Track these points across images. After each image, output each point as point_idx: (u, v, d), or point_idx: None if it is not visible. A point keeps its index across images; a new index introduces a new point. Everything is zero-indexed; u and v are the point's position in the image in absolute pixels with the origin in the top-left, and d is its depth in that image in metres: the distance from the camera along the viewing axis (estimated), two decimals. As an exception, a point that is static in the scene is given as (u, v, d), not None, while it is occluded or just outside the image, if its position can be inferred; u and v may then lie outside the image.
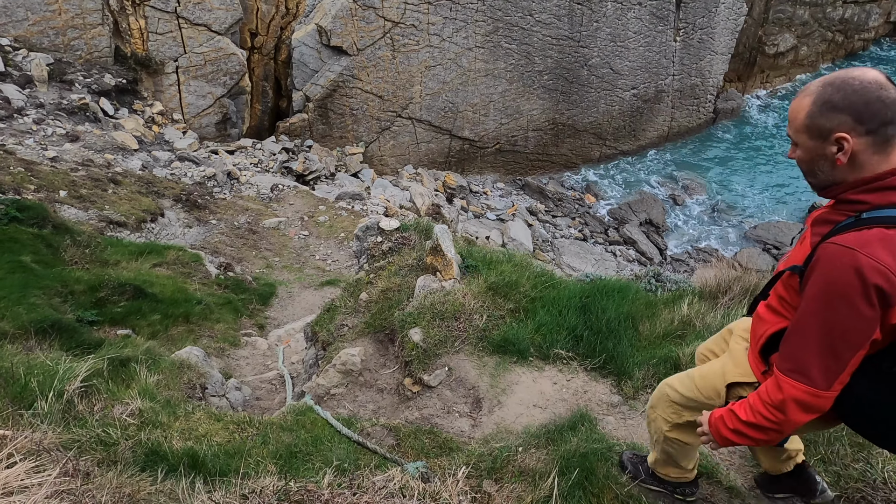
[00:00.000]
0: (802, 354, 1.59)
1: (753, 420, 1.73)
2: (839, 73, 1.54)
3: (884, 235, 1.47)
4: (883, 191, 1.53)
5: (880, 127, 1.49)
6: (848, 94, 1.49)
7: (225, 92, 18.10)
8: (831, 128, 1.52)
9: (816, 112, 1.54)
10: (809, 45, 28.23)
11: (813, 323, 1.55)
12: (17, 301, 5.35)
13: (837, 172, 1.58)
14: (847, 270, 1.47)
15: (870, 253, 1.45)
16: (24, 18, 15.17)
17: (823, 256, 1.53)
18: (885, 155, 1.52)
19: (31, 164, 10.61)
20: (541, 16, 20.57)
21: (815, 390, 1.58)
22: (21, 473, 2.01)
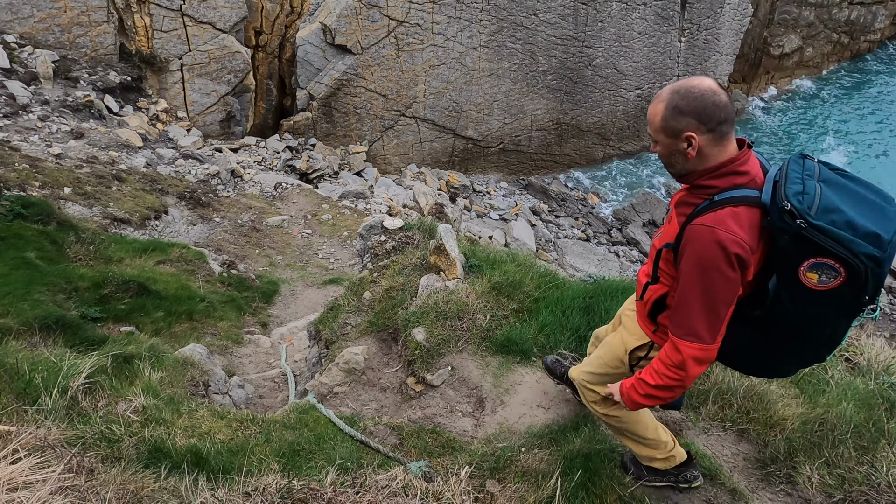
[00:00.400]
0: (690, 320, 1.92)
1: (661, 382, 2.04)
2: (683, 83, 1.89)
3: (733, 213, 1.85)
4: (726, 176, 1.91)
5: (717, 126, 1.86)
6: (691, 100, 1.85)
7: (229, 90, 18.12)
8: (681, 128, 1.88)
9: (668, 116, 1.89)
10: (815, 46, 28.13)
11: (693, 292, 1.89)
12: (21, 297, 5.37)
13: (689, 163, 1.95)
14: (712, 245, 1.83)
15: (726, 229, 1.82)
16: (29, 15, 15.21)
17: (691, 236, 1.89)
18: (723, 147, 1.90)
19: (35, 160, 10.64)
20: (545, 15, 20.55)
21: (705, 346, 1.93)
22: (26, 469, 2.02)
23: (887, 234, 1.73)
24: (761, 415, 3.40)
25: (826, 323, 1.89)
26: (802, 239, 1.74)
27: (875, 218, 1.75)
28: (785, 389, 3.60)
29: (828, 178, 1.85)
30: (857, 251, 1.71)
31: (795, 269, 1.79)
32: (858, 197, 1.81)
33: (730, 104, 1.86)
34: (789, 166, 1.88)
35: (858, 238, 1.71)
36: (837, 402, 3.39)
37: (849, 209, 1.75)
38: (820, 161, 1.91)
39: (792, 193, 1.77)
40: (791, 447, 3.16)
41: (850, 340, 4.18)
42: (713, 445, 3.33)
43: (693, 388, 3.67)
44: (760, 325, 1.98)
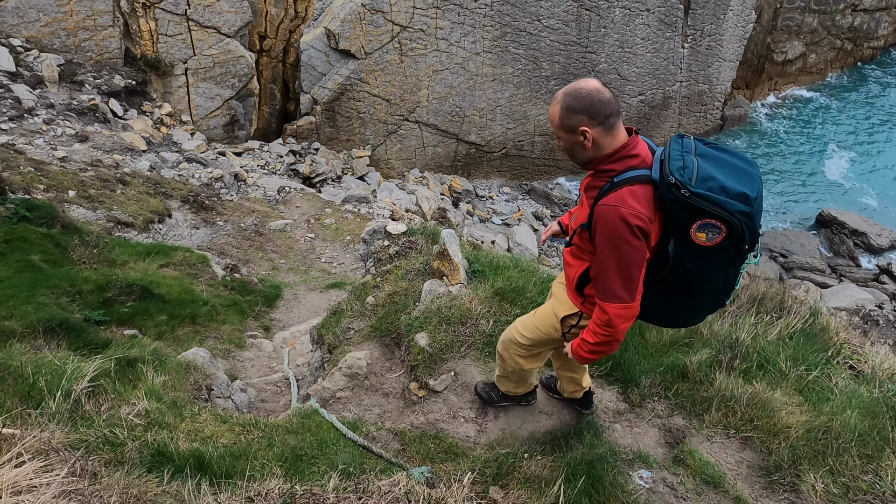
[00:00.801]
0: (610, 285, 2.24)
1: (597, 340, 2.37)
2: (573, 85, 2.20)
3: (631, 191, 2.15)
4: (621, 160, 2.22)
5: (605, 119, 2.17)
6: (580, 100, 2.16)
7: (233, 94, 18.19)
8: (575, 124, 2.19)
9: (564, 115, 2.20)
10: (818, 52, 28.14)
11: (609, 262, 2.21)
12: (25, 300, 5.38)
13: (588, 153, 2.26)
14: (617, 221, 2.13)
15: (626, 205, 2.13)
16: (35, 20, 15.31)
17: (599, 215, 2.19)
18: (614, 136, 2.21)
19: (40, 163, 10.69)
20: (549, 21, 20.60)
21: (626, 304, 2.25)
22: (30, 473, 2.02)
23: (753, 192, 2.08)
24: (765, 422, 3.39)
25: (718, 273, 2.24)
26: (688, 205, 2.07)
27: (742, 180, 2.10)
28: (789, 397, 3.59)
29: (703, 152, 2.18)
30: (731, 210, 2.05)
31: (687, 231, 2.13)
32: (728, 165, 2.15)
33: (613, 100, 2.18)
34: (671, 146, 2.21)
35: (731, 199, 2.05)
36: (842, 410, 3.38)
37: (721, 176, 2.08)
38: (696, 138, 2.26)
39: (675, 169, 2.10)
40: (795, 455, 3.15)
41: (854, 348, 4.17)
42: (717, 453, 3.32)
43: (696, 395, 3.66)
44: (667, 283, 2.32)
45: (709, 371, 3.77)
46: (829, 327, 4.25)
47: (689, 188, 2.05)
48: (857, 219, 21.30)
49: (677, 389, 3.72)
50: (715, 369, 3.78)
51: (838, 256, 20.43)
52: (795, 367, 3.78)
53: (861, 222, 21.13)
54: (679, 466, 3.17)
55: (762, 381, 3.68)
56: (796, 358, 3.86)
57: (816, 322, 4.27)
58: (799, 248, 20.31)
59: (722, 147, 2.24)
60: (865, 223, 21.14)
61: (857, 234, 20.78)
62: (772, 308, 4.38)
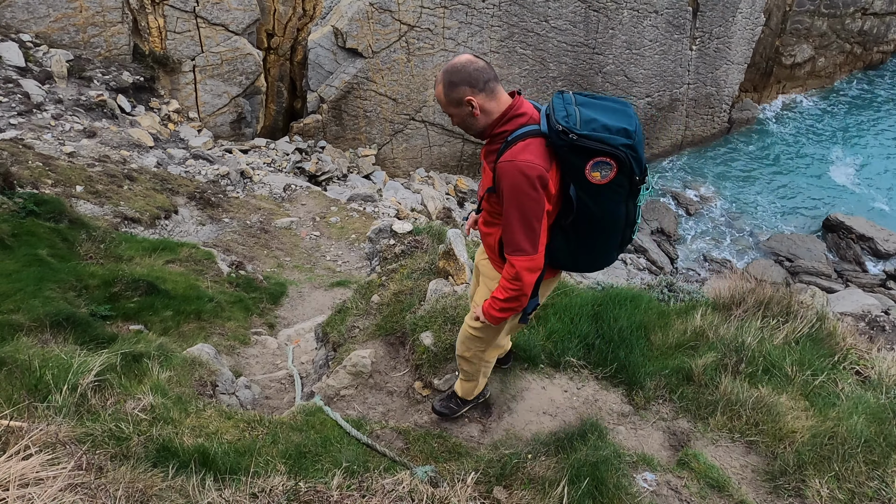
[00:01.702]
0: (514, 238, 2.35)
1: (507, 295, 2.49)
2: (448, 63, 2.33)
3: (524, 145, 2.29)
4: (511, 120, 2.37)
5: (485, 84, 2.31)
6: (456, 73, 2.30)
7: (240, 91, 18.24)
8: (460, 97, 2.32)
9: (447, 91, 2.33)
10: (827, 56, 27.99)
11: (512, 216, 2.32)
12: (32, 294, 5.40)
13: (479, 121, 2.38)
14: (517, 174, 2.26)
15: (523, 159, 2.26)
16: (45, 15, 15.38)
17: (500, 171, 2.32)
18: (498, 100, 2.36)
19: (48, 158, 10.74)
20: (556, 22, 20.57)
21: (531, 256, 2.37)
22: (36, 466, 2.03)
23: (632, 126, 2.26)
24: (770, 427, 3.37)
25: (619, 208, 2.39)
26: (577, 147, 2.23)
27: (621, 118, 2.28)
28: (795, 402, 3.57)
29: (583, 101, 2.35)
30: (615, 144, 2.21)
31: (582, 173, 2.28)
32: (607, 108, 2.32)
33: (488, 67, 2.33)
34: (553, 101, 2.37)
35: (614, 135, 2.22)
36: (848, 416, 3.36)
37: (601, 117, 2.26)
38: (575, 92, 2.41)
39: (560, 117, 2.26)
40: (800, 460, 3.14)
41: (861, 353, 4.15)
42: (721, 457, 3.30)
43: (701, 398, 3.65)
44: (577, 227, 2.45)
45: (714, 374, 3.75)
46: (836, 332, 4.23)
47: (575, 132, 2.21)
48: (864, 223, 21.18)
49: (682, 392, 3.71)
50: (720, 373, 3.76)
51: (845, 261, 20.31)
52: (801, 371, 3.76)
53: (868, 227, 21.01)
54: (683, 469, 3.16)
55: (768, 386, 3.66)
56: (802, 363, 3.84)
57: (823, 327, 4.25)
58: (805, 253, 20.22)
59: (600, 96, 2.41)
60: (872, 228, 21.02)
61: (864, 239, 20.67)
62: (778, 312, 4.35)
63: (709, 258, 20.40)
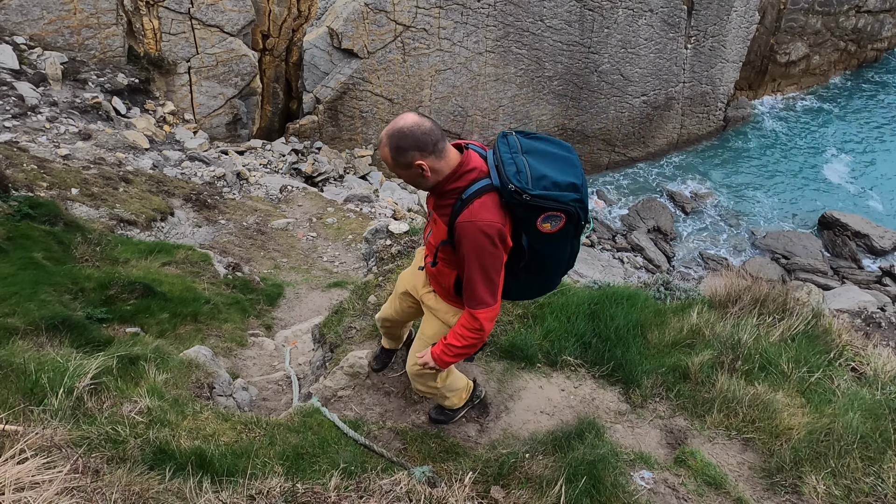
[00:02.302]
0: (477, 293, 2.47)
1: (467, 343, 2.60)
2: (393, 125, 2.31)
3: (481, 203, 2.35)
4: (462, 177, 2.41)
5: (434, 147, 2.32)
6: (404, 138, 2.28)
7: (236, 93, 18.21)
8: (410, 161, 2.32)
9: (395, 155, 2.32)
10: (822, 54, 28.09)
11: (474, 272, 2.43)
12: (28, 297, 5.38)
13: (430, 180, 2.41)
14: (478, 234, 2.34)
15: (482, 218, 2.34)
16: (39, 17, 15.33)
17: (460, 231, 2.38)
18: (448, 159, 2.39)
19: (43, 161, 10.71)
20: (552, 21, 20.59)
21: (492, 307, 2.51)
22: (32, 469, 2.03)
23: (579, 180, 2.37)
24: (767, 424, 3.38)
25: (565, 249, 2.56)
26: (530, 206, 2.31)
27: (567, 170, 2.37)
28: (791, 399, 3.59)
29: (528, 148, 2.39)
30: (567, 201, 2.32)
31: (534, 225, 2.38)
32: (553, 157, 2.39)
33: (435, 126, 2.34)
34: (500, 149, 2.40)
35: (564, 191, 2.31)
36: (844, 412, 3.37)
37: (551, 172, 2.33)
38: (517, 132, 2.45)
39: (511, 175, 2.30)
40: (797, 457, 3.15)
41: (856, 350, 4.16)
42: (718, 454, 3.31)
43: (698, 396, 3.66)
44: (527, 270, 2.59)
45: (710, 372, 3.76)
46: (832, 329, 4.25)
47: (528, 192, 2.27)
48: (859, 221, 21.26)
49: (679, 390, 3.71)
50: (717, 370, 3.77)
51: (840, 258, 20.39)
52: (797, 368, 3.77)
53: (864, 224, 21.09)
54: (680, 467, 3.17)
55: (764, 383, 3.67)
56: (798, 360, 3.85)
57: (819, 324, 4.26)
58: (801, 250, 20.28)
59: (540, 137, 2.47)
60: (868, 225, 21.10)
61: (859, 236, 20.74)
62: (774, 310, 4.37)
63: (705, 256, 20.45)
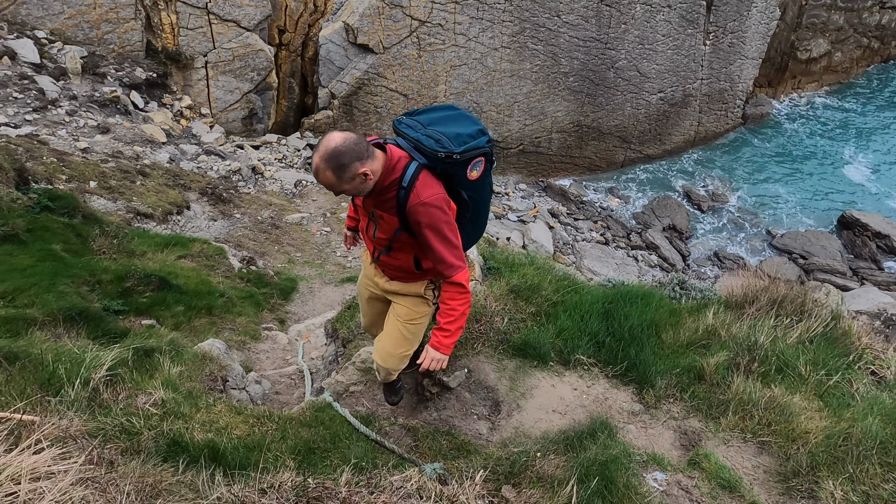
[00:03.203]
0: (448, 261, 2.68)
1: (461, 311, 2.80)
2: (325, 149, 2.45)
3: (421, 183, 2.57)
4: (394, 168, 2.60)
5: (366, 151, 2.51)
6: (341, 155, 2.45)
7: (252, 87, 18.31)
8: (354, 173, 2.50)
9: (340, 173, 2.48)
10: (844, 50, 27.57)
11: (440, 244, 2.64)
12: (46, 289, 5.46)
13: (370, 183, 2.59)
14: (431, 209, 2.58)
15: (428, 194, 2.57)
16: (59, 12, 15.52)
17: (414, 213, 2.59)
18: (377, 159, 2.58)
19: (63, 154, 10.85)
20: (568, 17, 20.43)
21: (465, 265, 2.73)
22: (48, 459, 2.05)
23: (480, 125, 2.70)
24: (783, 427, 3.33)
25: (489, 186, 2.89)
26: (461, 162, 2.60)
27: (468, 123, 2.69)
28: (808, 402, 3.53)
29: (427, 121, 2.65)
30: (483, 145, 2.65)
31: (465, 177, 2.67)
32: (449, 118, 2.68)
33: (357, 135, 2.52)
34: (407, 132, 2.64)
35: (478, 139, 2.63)
36: (863, 417, 3.31)
37: (459, 129, 2.62)
38: (407, 115, 2.71)
39: (435, 146, 2.55)
40: (814, 461, 3.10)
41: (876, 353, 4.08)
42: (733, 457, 3.27)
43: (713, 398, 3.62)
44: (473, 218, 2.88)
45: (726, 374, 3.72)
46: (851, 331, 4.17)
47: (455, 152, 2.55)
48: (880, 221, 20.88)
49: (693, 391, 3.67)
50: (732, 372, 3.72)
51: (860, 259, 20.04)
52: (815, 371, 3.71)
53: (884, 224, 20.71)
54: (694, 469, 3.13)
55: (781, 385, 3.62)
56: (816, 362, 3.79)
57: (837, 326, 4.19)
58: (820, 250, 19.97)
59: (424, 110, 2.74)
60: (889, 225, 20.71)
61: (879, 237, 20.37)
62: (791, 311, 4.30)
63: (721, 255, 20.21)
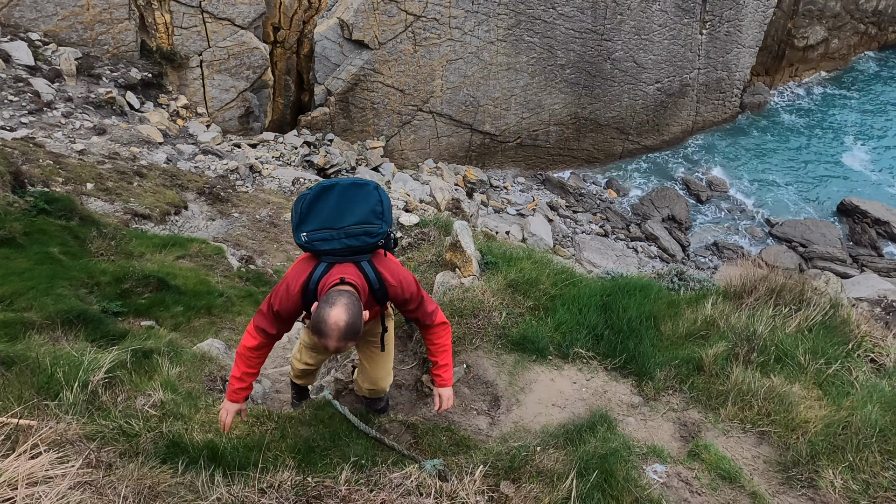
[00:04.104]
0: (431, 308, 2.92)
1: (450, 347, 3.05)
2: (337, 325, 2.40)
3: (387, 272, 2.72)
4: (366, 286, 2.71)
5: (360, 306, 2.50)
6: (353, 324, 2.43)
7: (248, 86, 18.25)
8: (360, 328, 2.49)
9: (355, 337, 2.47)
10: (841, 37, 27.46)
11: (420, 303, 2.86)
12: (44, 291, 5.46)
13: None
14: (406, 283, 2.78)
15: (396, 274, 2.75)
16: (53, 13, 15.46)
17: (399, 294, 2.77)
18: (358, 294, 2.61)
19: (59, 156, 10.83)
20: (564, 8, 20.34)
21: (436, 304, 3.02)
22: (45, 464, 2.04)
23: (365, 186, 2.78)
24: (782, 417, 3.33)
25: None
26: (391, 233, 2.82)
27: (358, 198, 2.72)
28: (807, 391, 3.53)
29: (329, 219, 2.66)
30: (384, 199, 2.73)
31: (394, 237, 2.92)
32: (345, 205, 2.69)
33: (346, 299, 2.47)
34: (334, 247, 2.64)
35: (375, 205, 2.69)
36: (862, 405, 3.31)
37: (361, 209, 2.68)
38: (299, 230, 2.69)
39: (369, 240, 2.64)
40: (813, 450, 3.09)
41: (875, 341, 4.08)
42: (733, 447, 3.27)
43: (712, 388, 3.61)
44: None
45: (725, 364, 3.71)
46: (850, 319, 4.16)
47: (387, 227, 2.69)
48: (879, 207, 20.86)
49: (693, 383, 3.67)
50: (731, 362, 3.72)
51: (860, 246, 20.03)
52: (814, 360, 3.71)
53: (884, 211, 20.69)
54: (694, 461, 3.13)
55: (780, 375, 3.61)
56: (815, 351, 3.78)
57: (837, 314, 4.18)
58: (819, 238, 19.96)
59: (309, 210, 2.69)
60: (888, 212, 20.69)
61: (879, 223, 20.36)
62: (790, 300, 4.29)
63: (721, 245, 20.20)
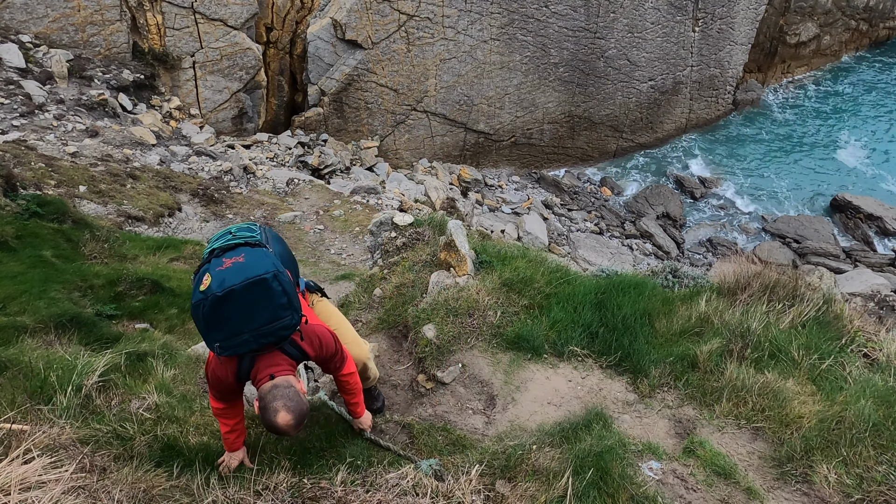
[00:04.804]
0: (346, 358, 3.03)
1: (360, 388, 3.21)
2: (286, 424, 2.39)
3: (309, 334, 2.77)
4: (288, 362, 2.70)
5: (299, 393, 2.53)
6: (302, 416, 2.46)
7: (241, 86, 18.19)
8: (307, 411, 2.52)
9: (302, 417, 2.46)
10: (832, 34, 27.58)
11: (339, 349, 2.94)
12: (37, 295, 5.43)
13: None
14: (322, 335, 2.83)
15: (314, 331, 2.79)
16: (44, 15, 15.36)
17: (319, 349, 2.81)
18: (297, 378, 2.66)
19: (51, 159, 10.77)
20: (557, 7, 20.35)
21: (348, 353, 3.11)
22: (38, 469, 2.03)
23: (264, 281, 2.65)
24: (777, 412, 3.35)
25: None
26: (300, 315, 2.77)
27: (263, 301, 2.59)
28: (801, 386, 3.54)
29: (240, 324, 2.53)
30: (289, 290, 2.66)
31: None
32: (248, 309, 2.55)
33: (292, 393, 2.49)
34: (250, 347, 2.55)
35: (281, 297, 2.61)
36: (856, 400, 3.32)
37: (267, 308, 2.58)
38: (209, 339, 2.53)
39: (284, 332, 2.59)
40: (807, 445, 3.11)
41: (869, 335, 4.10)
42: (727, 444, 3.28)
43: (707, 385, 3.63)
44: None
45: (719, 361, 3.72)
46: (843, 315, 4.18)
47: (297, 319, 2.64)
48: (872, 203, 20.97)
49: (687, 379, 3.68)
50: (726, 359, 3.73)
51: (853, 241, 20.14)
52: (808, 355, 3.72)
53: (876, 206, 20.80)
54: (689, 457, 3.14)
55: (774, 371, 3.63)
56: (809, 346, 3.80)
57: (830, 309, 4.20)
58: (813, 234, 20.05)
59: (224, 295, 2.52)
60: (881, 207, 20.81)
61: (872, 219, 20.47)
62: (784, 296, 4.31)
63: (715, 241, 20.27)
